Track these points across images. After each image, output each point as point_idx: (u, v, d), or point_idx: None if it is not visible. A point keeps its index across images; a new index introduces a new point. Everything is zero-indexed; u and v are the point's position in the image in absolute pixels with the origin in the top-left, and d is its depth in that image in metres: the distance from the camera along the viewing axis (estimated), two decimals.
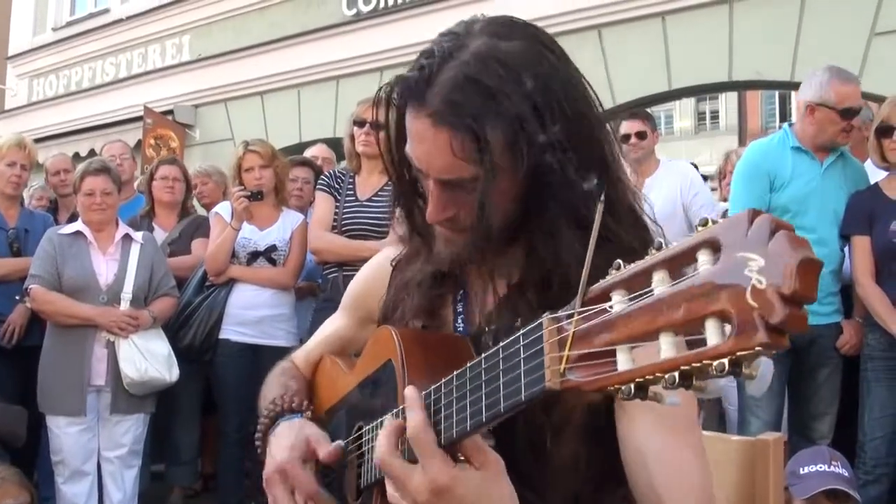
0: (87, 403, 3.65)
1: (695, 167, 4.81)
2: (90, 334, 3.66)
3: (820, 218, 3.34)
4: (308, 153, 5.37)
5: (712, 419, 4.16)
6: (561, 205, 1.02)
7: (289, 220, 4.17)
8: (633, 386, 0.65)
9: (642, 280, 0.67)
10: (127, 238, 3.85)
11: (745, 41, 6.42)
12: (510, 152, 1.00)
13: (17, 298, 3.99)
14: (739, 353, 0.57)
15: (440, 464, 0.88)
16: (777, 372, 3.34)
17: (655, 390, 0.66)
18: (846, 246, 3.39)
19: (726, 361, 0.58)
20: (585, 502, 1.12)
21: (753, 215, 0.59)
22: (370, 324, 1.35)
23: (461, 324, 1.20)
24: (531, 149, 0.99)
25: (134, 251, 3.82)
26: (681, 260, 0.65)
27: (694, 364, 0.60)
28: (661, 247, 0.66)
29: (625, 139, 4.27)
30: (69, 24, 12.13)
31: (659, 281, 0.65)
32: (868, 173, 3.52)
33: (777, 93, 19.30)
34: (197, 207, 5.05)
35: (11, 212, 4.27)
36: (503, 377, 0.81)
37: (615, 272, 0.70)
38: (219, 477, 4.30)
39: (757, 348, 0.56)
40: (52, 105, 11.90)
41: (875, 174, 3.49)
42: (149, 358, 3.68)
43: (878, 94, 4.93)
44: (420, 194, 1.15)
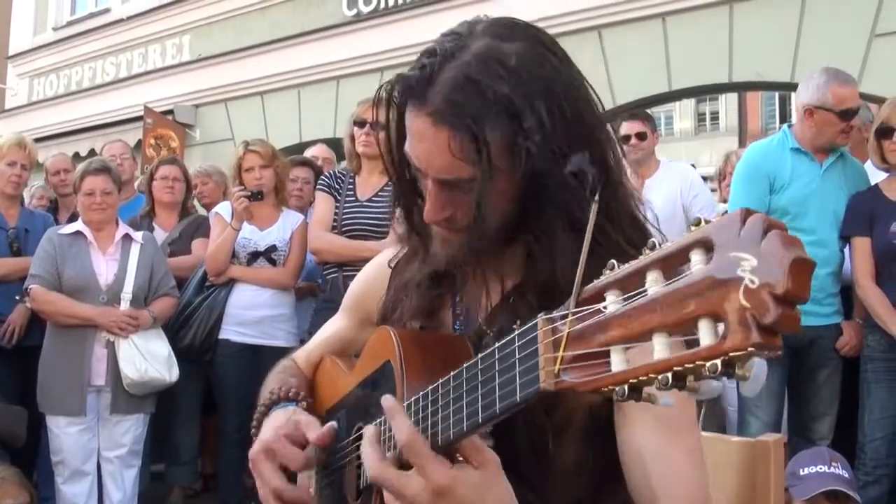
0: (87, 403, 3.65)
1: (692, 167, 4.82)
2: (90, 334, 3.66)
3: (820, 219, 3.34)
4: (308, 153, 5.37)
5: (712, 420, 4.16)
6: (558, 207, 1.02)
7: (289, 221, 4.17)
8: (627, 387, 0.65)
9: (636, 280, 0.67)
10: (127, 238, 3.85)
11: (746, 42, 6.42)
12: (509, 154, 1.00)
13: (17, 298, 3.99)
14: (732, 354, 0.57)
15: (438, 466, 0.88)
16: (777, 373, 3.34)
17: (649, 391, 0.65)
18: (846, 247, 3.39)
19: (719, 362, 0.58)
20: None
21: (746, 215, 0.59)
22: (370, 325, 1.35)
23: (460, 325, 1.20)
24: (530, 151, 0.98)
25: (134, 251, 3.82)
26: (674, 260, 0.64)
27: (687, 365, 0.60)
28: (655, 247, 0.66)
29: (625, 140, 4.27)
30: (69, 24, 12.13)
31: (653, 281, 0.65)
32: (868, 174, 3.52)
33: (777, 94, 19.30)
34: (197, 207, 5.04)
35: (11, 211, 4.27)
36: (499, 378, 0.81)
37: (609, 272, 0.70)
38: (219, 477, 4.30)
39: (750, 349, 0.56)
40: (53, 105, 11.90)
41: (875, 175, 3.49)
42: (149, 358, 3.68)
43: (879, 96, 4.93)
44: (419, 194, 1.15)
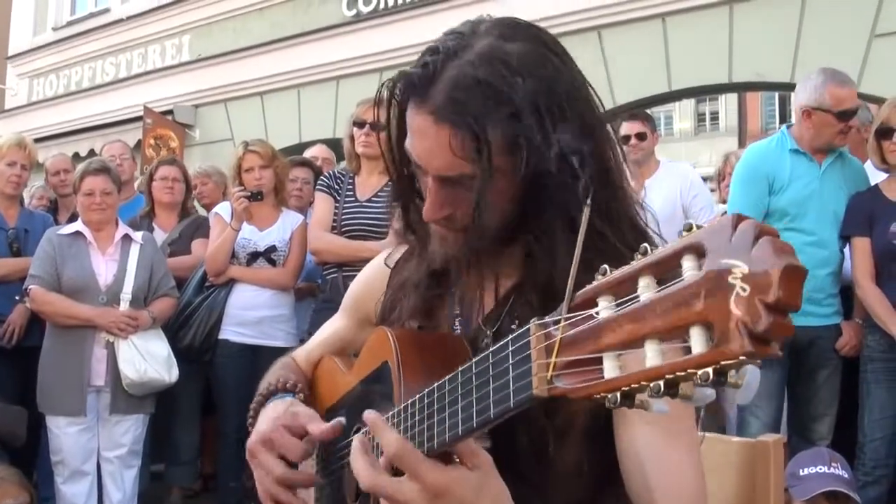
0: (87, 403, 3.65)
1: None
2: (89, 335, 3.66)
3: (819, 220, 3.34)
4: (308, 153, 5.37)
5: (712, 420, 4.15)
6: (558, 208, 1.02)
7: (288, 221, 4.17)
8: (620, 394, 0.65)
9: (628, 286, 0.66)
10: (126, 238, 3.84)
11: (746, 42, 6.42)
12: (509, 153, 1.00)
13: (17, 299, 3.99)
14: (724, 363, 0.57)
15: (432, 468, 0.88)
16: (777, 373, 3.34)
17: (642, 398, 0.65)
18: (846, 247, 3.39)
19: (710, 370, 0.57)
20: None
21: (737, 220, 0.59)
22: (369, 325, 1.35)
23: (458, 325, 1.20)
24: (530, 151, 0.98)
25: (133, 251, 3.82)
26: (666, 265, 0.64)
27: (678, 373, 0.60)
28: (647, 252, 0.66)
29: (624, 140, 4.27)
30: (69, 24, 12.13)
31: (644, 287, 0.64)
32: (868, 175, 3.52)
33: (777, 94, 19.30)
34: (197, 208, 5.04)
35: (11, 212, 4.27)
36: (493, 383, 0.81)
37: (601, 277, 0.70)
38: (218, 477, 4.29)
39: (741, 357, 0.55)
40: (52, 105, 11.90)
41: (875, 176, 3.48)
42: (148, 359, 3.68)
43: (878, 96, 4.93)
44: (418, 193, 1.15)
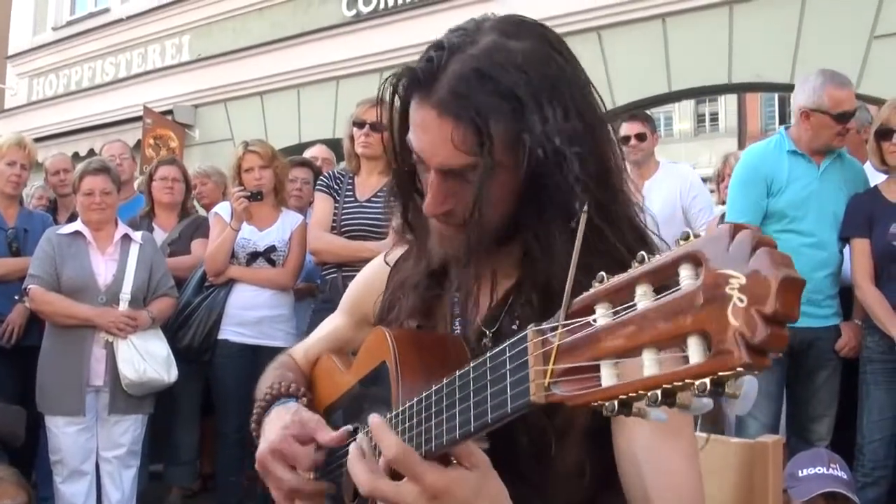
0: (86, 403, 3.65)
1: None
2: (89, 335, 3.65)
3: (818, 221, 3.33)
4: (307, 154, 5.37)
5: (711, 421, 4.15)
6: (557, 207, 1.02)
7: (288, 221, 4.17)
8: (617, 402, 0.65)
9: (625, 293, 0.66)
10: (126, 238, 3.84)
11: (745, 43, 6.42)
12: (512, 148, 1.00)
13: (16, 298, 3.99)
14: (721, 373, 0.57)
15: (431, 470, 0.89)
16: (776, 374, 3.34)
17: (639, 406, 0.65)
18: (845, 248, 3.39)
19: (708, 381, 0.57)
20: None
21: (735, 230, 0.58)
22: (367, 325, 1.35)
23: (457, 325, 1.20)
24: (532, 147, 0.98)
25: (133, 251, 3.81)
26: (663, 274, 0.64)
27: (676, 383, 0.60)
28: (644, 260, 0.66)
29: (624, 141, 4.27)
30: (69, 24, 12.13)
31: (642, 295, 0.64)
32: (868, 176, 3.52)
33: (777, 95, 19.28)
34: (197, 208, 5.04)
35: (11, 211, 4.27)
36: (490, 388, 0.81)
37: (598, 285, 0.70)
38: (217, 477, 4.29)
39: (738, 368, 0.56)
40: (52, 104, 11.89)
41: (875, 177, 3.48)
42: (147, 359, 3.67)
43: (878, 97, 4.93)
44: (418, 190, 1.15)
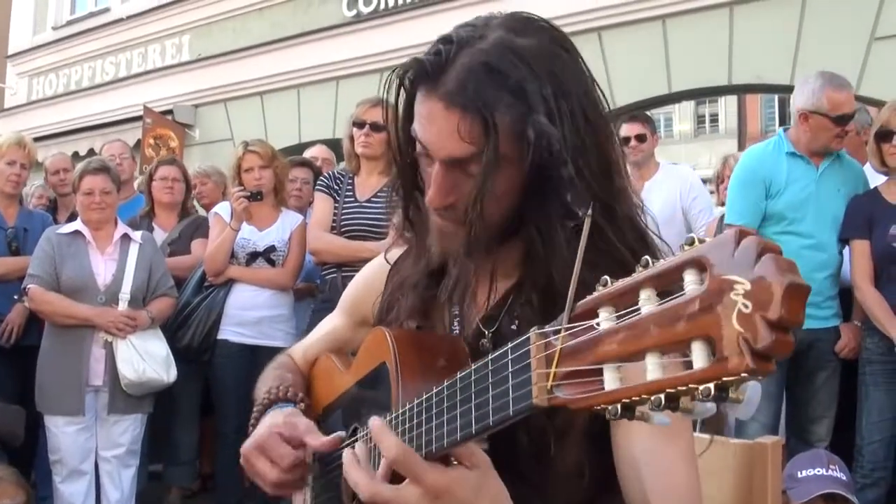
0: (85, 403, 3.65)
1: None
2: (88, 334, 3.65)
3: (818, 223, 3.33)
4: (307, 154, 5.36)
5: (710, 421, 4.15)
6: (560, 205, 1.02)
7: (288, 221, 4.16)
8: (620, 406, 0.65)
9: (629, 297, 0.66)
10: (126, 238, 3.84)
11: (745, 44, 6.42)
12: (517, 142, 1.00)
13: (16, 298, 3.98)
14: (725, 379, 0.57)
15: (432, 470, 0.89)
16: (775, 375, 3.34)
17: (642, 410, 0.65)
18: (844, 249, 3.39)
19: (712, 386, 0.57)
20: None
21: (740, 236, 0.58)
22: (366, 326, 1.35)
23: (457, 325, 1.19)
24: (537, 141, 0.98)
25: (133, 251, 3.81)
26: (667, 278, 0.64)
27: (679, 387, 0.60)
28: (648, 264, 0.66)
29: (624, 142, 4.27)
30: (69, 24, 12.12)
31: (646, 299, 0.64)
32: (867, 178, 3.52)
33: (777, 96, 19.27)
34: (196, 208, 5.04)
35: (10, 211, 4.26)
36: (492, 390, 0.81)
37: (602, 288, 0.69)
38: (217, 477, 4.29)
39: (742, 374, 0.56)
40: (52, 104, 11.89)
41: (874, 179, 3.48)
42: (147, 359, 3.67)
43: (878, 99, 4.94)
44: (419, 186, 1.15)
